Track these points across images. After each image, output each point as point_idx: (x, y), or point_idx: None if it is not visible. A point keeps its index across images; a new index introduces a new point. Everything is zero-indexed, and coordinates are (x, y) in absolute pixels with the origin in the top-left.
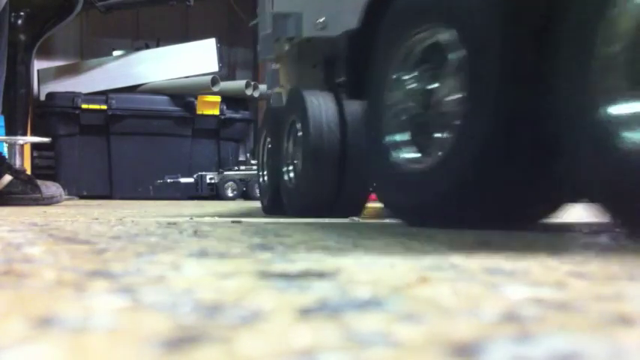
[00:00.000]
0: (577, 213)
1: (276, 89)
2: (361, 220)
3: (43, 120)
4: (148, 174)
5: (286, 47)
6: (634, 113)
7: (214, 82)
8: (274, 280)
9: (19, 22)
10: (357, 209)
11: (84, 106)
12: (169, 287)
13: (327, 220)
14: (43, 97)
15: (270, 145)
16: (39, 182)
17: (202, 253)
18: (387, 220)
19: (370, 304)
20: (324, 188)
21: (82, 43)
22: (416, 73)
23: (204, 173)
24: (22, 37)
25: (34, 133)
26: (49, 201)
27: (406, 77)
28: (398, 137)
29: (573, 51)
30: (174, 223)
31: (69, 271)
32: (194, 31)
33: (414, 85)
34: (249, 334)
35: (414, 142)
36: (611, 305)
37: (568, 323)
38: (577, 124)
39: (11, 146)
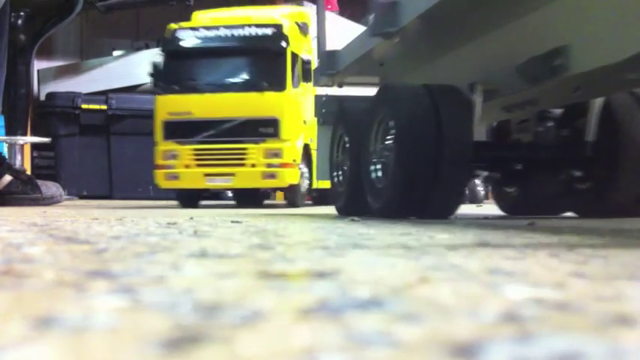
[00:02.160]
0: None
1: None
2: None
3: (43, 120)
4: (148, 174)
5: None
6: None
7: None
8: (274, 280)
9: (19, 22)
10: None
11: (84, 106)
12: (169, 287)
13: (326, 220)
14: (43, 97)
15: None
16: (39, 182)
17: (202, 253)
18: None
19: (370, 304)
20: None
21: (82, 43)
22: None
23: None
24: (22, 37)
25: (34, 133)
26: (49, 201)
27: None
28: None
29: None
30: (174, 223)
31: (69, 271)
32: None
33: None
34: (249, 334)
35: None
36: (611, 305)
37: (568, 323)
38: None
39: (11, 146)
